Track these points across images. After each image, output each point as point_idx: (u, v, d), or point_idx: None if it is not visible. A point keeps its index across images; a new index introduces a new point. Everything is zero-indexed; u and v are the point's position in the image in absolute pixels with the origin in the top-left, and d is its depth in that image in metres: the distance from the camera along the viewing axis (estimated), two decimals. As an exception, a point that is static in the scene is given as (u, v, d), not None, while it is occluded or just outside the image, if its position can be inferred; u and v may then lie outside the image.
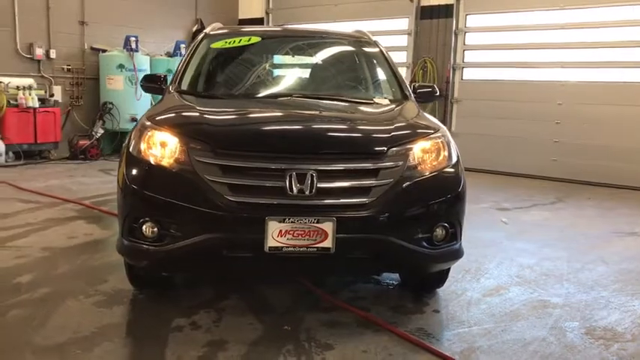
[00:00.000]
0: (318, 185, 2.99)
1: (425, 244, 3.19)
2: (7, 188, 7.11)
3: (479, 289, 4.04)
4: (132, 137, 3.36)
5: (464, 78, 10.30)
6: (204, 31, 4.77)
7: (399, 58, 10.81)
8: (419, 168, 3.23)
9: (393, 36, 10.89)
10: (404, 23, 10.77)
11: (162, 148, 3.16)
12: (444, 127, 3.56)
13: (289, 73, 4.74)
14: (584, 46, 9.01)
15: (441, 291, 3.93)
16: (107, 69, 10.55)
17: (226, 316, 3.41)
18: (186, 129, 3.23)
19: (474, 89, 10.14)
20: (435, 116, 10.06)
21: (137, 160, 3.21)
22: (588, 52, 9.00)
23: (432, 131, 3.45)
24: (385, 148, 3.16)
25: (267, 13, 12.78)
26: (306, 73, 4.70)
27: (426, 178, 3.22)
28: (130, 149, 3.28)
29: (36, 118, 9.59)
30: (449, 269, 3.76)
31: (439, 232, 3.24)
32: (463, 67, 10.28)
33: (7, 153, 9.26)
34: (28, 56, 10.01)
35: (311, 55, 4.74)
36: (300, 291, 3.82)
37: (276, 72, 4.66)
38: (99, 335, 3.11)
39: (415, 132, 3.42)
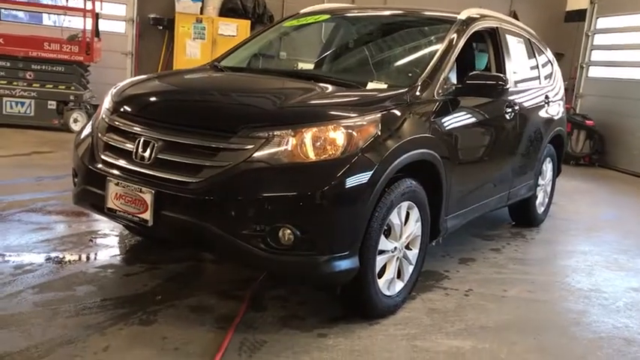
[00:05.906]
0: (159, 156, 2.90)
1: (260, 243, 2.70)
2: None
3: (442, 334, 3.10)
4: None
5: None
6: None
7: None
8: (277, 155, 2.75)
9: None
10: None
11: (101, 109, 3.50)
12: (372, 116, 2.95)
13: (323, 53, 4.36)
14: None
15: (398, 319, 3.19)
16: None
17: (145, 274, 3.57)
18: (116, 93, 3.45)
19: None
20: None
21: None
22: None
23: (332, 119, 2.87)
24: (234, 128, 2.81)
25: (591, 3, 11.06)
26: (340, 54, 4.26)
27: (276, 168, 2.73)
28: None
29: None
30: (358, 284, 3.00)
31: (284, 234, 2.70)
32: None
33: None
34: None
35: (368, 37, 4.28)
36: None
37: (314, 50, 4.38)
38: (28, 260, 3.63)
39: (303, 117, 2.92)
